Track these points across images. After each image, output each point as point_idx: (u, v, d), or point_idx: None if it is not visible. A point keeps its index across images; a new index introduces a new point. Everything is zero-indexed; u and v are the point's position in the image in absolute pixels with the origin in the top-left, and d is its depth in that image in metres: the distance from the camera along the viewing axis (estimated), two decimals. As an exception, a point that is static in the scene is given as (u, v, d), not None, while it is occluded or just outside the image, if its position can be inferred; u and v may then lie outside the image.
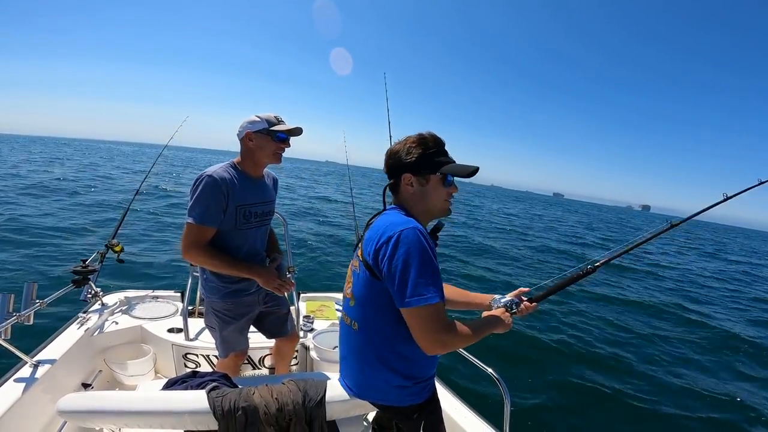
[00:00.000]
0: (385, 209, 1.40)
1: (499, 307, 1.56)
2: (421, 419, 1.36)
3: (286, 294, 1.98)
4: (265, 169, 2.11)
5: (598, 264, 1.67)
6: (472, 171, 1.32)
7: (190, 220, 1.81)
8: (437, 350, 1.21)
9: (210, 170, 1.88)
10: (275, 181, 2.24)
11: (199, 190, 1.82)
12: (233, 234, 1.95)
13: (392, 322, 1.24)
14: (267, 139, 1.96)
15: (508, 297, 1.61)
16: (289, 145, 2.02)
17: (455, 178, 1.37)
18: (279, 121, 1.98)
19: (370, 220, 1.41)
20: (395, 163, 1.36)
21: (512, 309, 1.55)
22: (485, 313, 1.47)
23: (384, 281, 1.22)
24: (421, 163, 1.32)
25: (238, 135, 2.00)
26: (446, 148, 1.39)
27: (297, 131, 2.00)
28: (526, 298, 1.62)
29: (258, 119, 1.95)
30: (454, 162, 1.37)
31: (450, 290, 1.65)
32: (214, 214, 1.84)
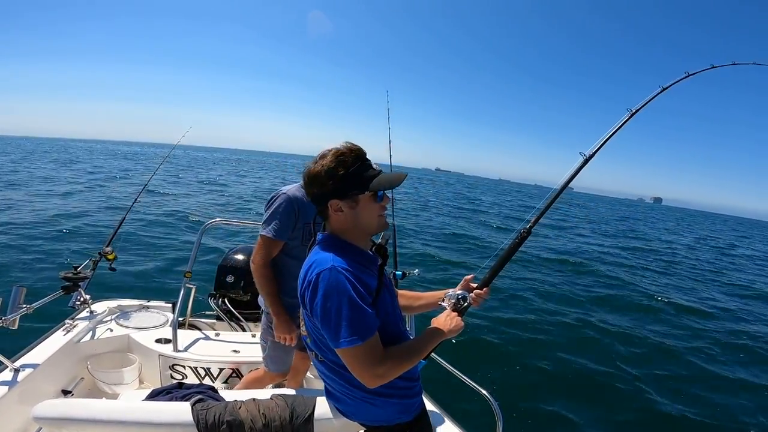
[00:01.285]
0: (315, 240, 1.32)
1: (450, 304, 1.46)
2: None
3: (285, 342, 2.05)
4: None
5: (530, 225, 1.59)
6: (400, 180, 1.26)
7: (263, 233, 1.97)
8: (376, 383, 1.17)
9: (285, 189, 2.05)
10: None
11: (273, 207, 1.99)
12: (300, 250, 2.03)
13: None
14: None
15: (456, 291, 1.50)
16: None
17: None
18: None
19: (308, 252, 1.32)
20: (318, 190, 1.22)
21: (461, 305, 1.45)
22: (431, 324, 1.38)
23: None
24: (345, 186, 1.20)
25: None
26: (369, 157, 1.27)
27: None
28: (475, 285, 1.53)
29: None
30: (379, 171, 1.26)
31: (404, 297, 1.60)
32: (284, 229, 1.98)
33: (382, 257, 1.34)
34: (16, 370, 1.83)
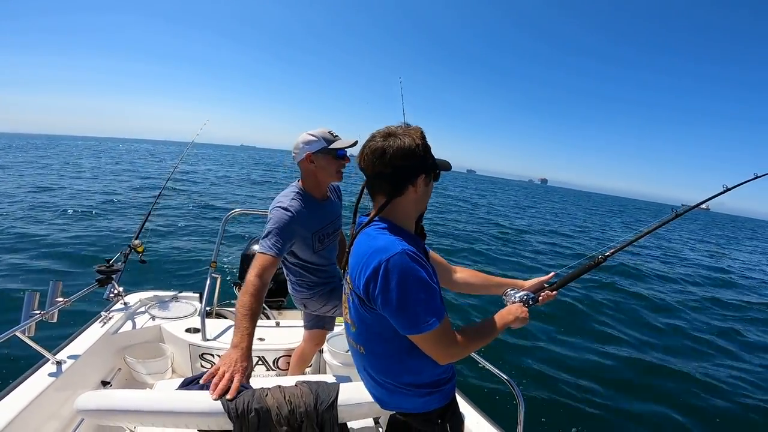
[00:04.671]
0: (358, 224, 1.28)
1: (515, 302, 1.52)
2: (445, 423, 1.33)
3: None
4: None
5: (608, 254, 1.70)
6: (450, 166, 1.30)
7: (261, 251, 1.77)
8: (448, 361, 1.23)
9: (283, 201, 1.87)
10: (338, 190, 2.21)
11: (272, 222, 1.82)
12: (313, 257, 2.02)
13: (396, 342, 1.21)
14: (328, 158, 1.91)
15: (527, 286, 1.61)
16: (349, 161, 1.96)
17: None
18: (335, 137, 1.92)
19: (353, 237, 1.28)
20: (413, 162, 1.18)
21: (528, 303, 1.52)
22: (503, 309, 1.44)
23: (380, 311, 1.16)
24: (433, 162, 1.23)
25: (294, 157, 1.94)
26: None
27: (354, 145, 1.94)
28: (547, 285, 1.61)
29: (314, 138, 1.89)
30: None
31: (468, 273, 1.65)
32: (283, 246, 1.81)
33: (423, 238, 1.36)
34: (59, 363, 1.93)
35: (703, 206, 1.87)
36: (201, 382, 1.39)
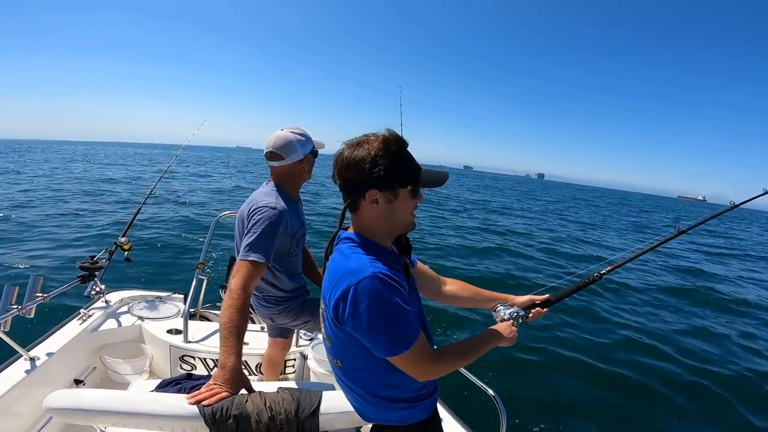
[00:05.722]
0: (337, 238, 1.22)
1: (504, 319, 1.50)
2: None
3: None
4: None
5: (604, 272, 1.67)
6: (443, 179, 1.20)
7: (251, 258, 1.60)
8: (427, 379, 1.21)
9: (269, 201, 1.74)
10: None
11: (261, 224, 1.65)
12: (286, 262, 1.89)
13: (372, 358, 1.17)
14: (310, 158, 1.88)
15: (518, 302, 1.58)
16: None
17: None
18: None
19: (327, 250, 1.24)
20: (358, 176, 1.10)
21: (518, 321, 1.49)
22: (491, 328, 1.41)
23: (352, 333, 1.12)
24: (389, 176, 1.10)
25: (289, 157, 1.81)
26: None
27: (320, 145, 1.95)
28: (539, 302, 1.59)
29: (305, 138, 1.82)
30: (419, 166, 1.18)
31: (458, 286, 1.62)
32: (272, 251, 1.68)
33: (407, 253, 1.31)
34: (32, 359, 1.87)
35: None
36: (188, 402, 1.32)
